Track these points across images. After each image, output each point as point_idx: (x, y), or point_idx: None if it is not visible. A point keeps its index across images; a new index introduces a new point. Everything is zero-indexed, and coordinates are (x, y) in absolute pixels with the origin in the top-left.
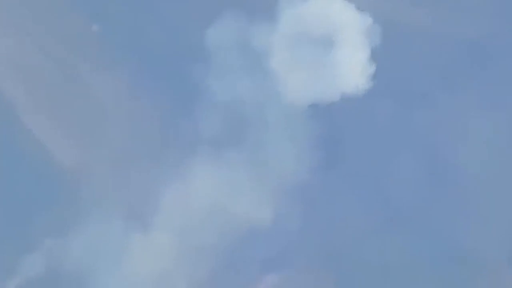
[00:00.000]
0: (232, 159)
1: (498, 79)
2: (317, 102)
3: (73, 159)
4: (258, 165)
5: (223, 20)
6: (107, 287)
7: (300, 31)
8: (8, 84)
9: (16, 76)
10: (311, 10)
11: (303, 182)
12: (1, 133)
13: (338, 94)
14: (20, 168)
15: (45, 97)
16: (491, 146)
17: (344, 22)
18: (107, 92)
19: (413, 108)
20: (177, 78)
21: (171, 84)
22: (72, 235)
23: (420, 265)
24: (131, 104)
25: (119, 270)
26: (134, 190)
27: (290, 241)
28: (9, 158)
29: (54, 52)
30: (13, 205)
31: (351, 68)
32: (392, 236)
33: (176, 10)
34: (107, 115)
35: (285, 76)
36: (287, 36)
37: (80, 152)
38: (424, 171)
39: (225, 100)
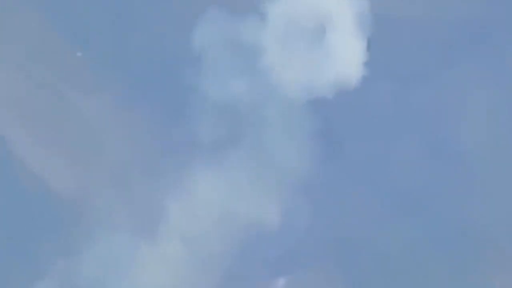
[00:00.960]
0: (232, 161)
1: (496, 55)
2: (314, 94)
3: (72, 183)
4: (260, 165)
5: (209, 19)
6: None
7: (290, 22)
8: None
9: (4, 107)
10: (300, 0)
11: (307, 178)
12: None
13: (334, 85)
14: (18, 199)
15: (35, 126)
16: (494, 123)
17: (336, 10)
18: (99, 113)
19: (412, 92)
20: (168, 86)
21: (163, 93)
22: (79, 258)
23: (432, 250)
24: (124, 120)
25: (130, 284)
26: (137, 205)
27: (299, 241)
28: (4, 191)
29: (42, 81)
30: (17, 236)
31: (346, 58)
32: (403, 224)
33: (158, 17)
34: (101, 135)
35: (279, 71)
36: (277, 30)
37: (78, 175)
38: (429, 154)
39: (220, 102)
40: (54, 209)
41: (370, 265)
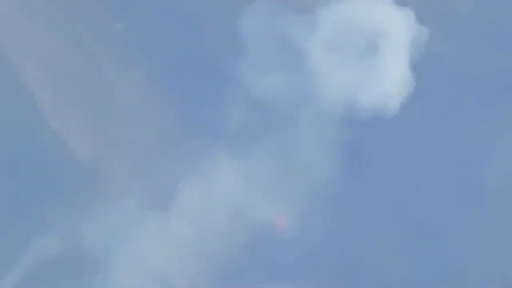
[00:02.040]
0: (255, 157)
1: None
2: (352, 107)
3: (91, 149)
4: (282, 167)
5: (259, 10)
6: (121, 269)
7: (343, 32)
8: (31, 75)
9: (38, 65)
10: (355, 9)
11: (329, 190)
12: (20, 123)
13: (375, 102)
14: (36, 154)
15: (66, 88)
16: None
17: (394, 30)
18: (131, 87)
19: (445, 125)
20: (205, 70)
21: (198, 76)
22: (86, 218)
23: (445, 283)
24: (154, 97)
25: (130, 251)
26: (153, 180)
27: (308, 252)
28: (25, 147)
29: (78, 46)
30: (27, 192)
31: (392, 81)
32: (414, 254)
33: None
34: (128, 108)
35: (321, 78)
36: (327, 36)
37: (99, 141)
38: (452, 187)
39: (255, 94)
40: (69, 169)
41: (376, 284)
